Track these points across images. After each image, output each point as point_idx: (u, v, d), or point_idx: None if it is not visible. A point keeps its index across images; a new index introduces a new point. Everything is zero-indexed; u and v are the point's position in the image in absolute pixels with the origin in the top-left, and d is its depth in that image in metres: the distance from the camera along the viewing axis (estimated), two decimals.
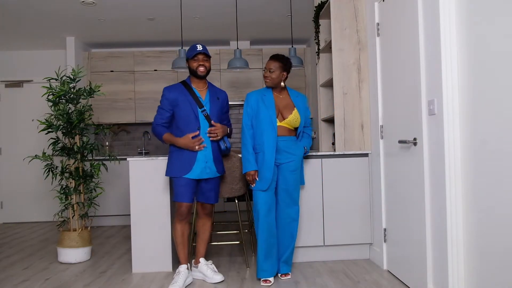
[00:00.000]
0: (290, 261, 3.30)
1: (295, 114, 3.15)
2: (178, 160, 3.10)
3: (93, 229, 5.58)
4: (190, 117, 3.10)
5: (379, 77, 3.41)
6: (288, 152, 3.15)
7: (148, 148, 6.70)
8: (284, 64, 3.15)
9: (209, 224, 3.35)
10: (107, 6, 4.84)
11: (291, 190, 3.16)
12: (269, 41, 6.65)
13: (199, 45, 3.13)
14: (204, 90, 3.21)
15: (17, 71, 6.54)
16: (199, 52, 3.11)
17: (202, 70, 3.13)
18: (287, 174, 3.15)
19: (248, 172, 3.11)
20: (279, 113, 3.16)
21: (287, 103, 3.19)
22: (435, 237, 2.61)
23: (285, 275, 3.24)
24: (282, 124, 3.15)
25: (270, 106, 3.13)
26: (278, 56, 3.18)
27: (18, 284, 3.28)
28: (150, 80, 6.36)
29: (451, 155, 2.44)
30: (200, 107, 3.12)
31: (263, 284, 3.09)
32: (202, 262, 3.25)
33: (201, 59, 3.12)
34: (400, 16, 3.00)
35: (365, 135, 3.73)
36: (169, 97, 3.12)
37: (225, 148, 3.20)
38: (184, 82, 3.21)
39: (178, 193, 3.09)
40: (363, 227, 3.65)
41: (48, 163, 3.94)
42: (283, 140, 3.15)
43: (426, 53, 2.66)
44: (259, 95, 3.18)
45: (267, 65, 3.17)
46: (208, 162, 3.13)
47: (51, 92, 3.85)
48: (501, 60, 2.05)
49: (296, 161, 3.17)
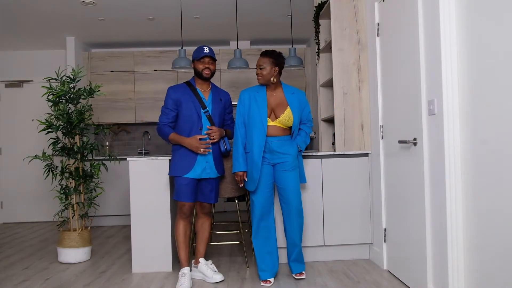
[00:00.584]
0: (301, 259, 3.23)
1: (287, 113, 3.08)
2: (180, 160, 3.12)
3: (93, 229, 5.58)
4: (193, 117, 3.13)
5: (379, 77, 3.41)
6: (280, 152, 3.09)
7: (148, 148, 6.70)
8: (274, 59, 3.07)
9: (208, 224, 3.35)
10: (107, 6, 4.84)
11: (289, 190, 3.10)
12: (269, 41, 6.65)
13: (206, 48, 3.15)
14: (207, 91, 3.23)
15: (17, 71, 6.54)
16: (206, 55, 3.13)
17: (207, 73, 3.16)
18: (282, 174, 3.10)
19: (237, 173, 3.10)
20: (272, 112, 3.10)
21: (280, 102, 3.12)
22: (435, 237, 2.61)
23: (299, 274, 3.19)
24: (275, 123, 3.09)
25: (262, 105, 3.07)
26: (267, 51, 3.11)
27: (18, 284, 3.28)
28: (150, 80, 6.36)
29: (451, 155, 2.44)
30: (203, 108, 3.15)
31: (262, 284, 3.07)
32: (202, 262, 3.25)
33: (207, 62, 3.15)
34: (400, 16, 3.00)
35: (365, 135, 3.73)
36: (173, 96, 3.15)
37: (224, 149, 3.22)
38: (188, 83, 3.23)
39: (180, 192, 3.10)
40: (363, 227, 3.65)
41: (48, 163, 3.94)
42: (276, 140, 3.09)
43: (426, 53, 2.66)
44: (252, 93, 3.13)
45: (257, 62, 3.11)
46: (209, 162, 3.15)
47: (51, 92, 3.85)
48: (501, 60, 2.05)
49: (289, 161, 3.09)
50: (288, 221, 3.17)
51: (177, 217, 3.21)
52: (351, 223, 3.64)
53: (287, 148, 3.10)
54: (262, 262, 3.11)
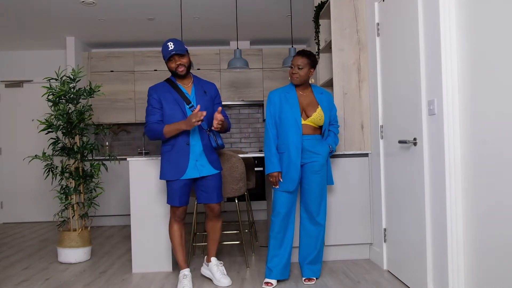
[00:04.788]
0: (317, 265, 3.14)
1: (319, 112, 3.05)
2: (170, 163, 2.99)
3: (93, 229, 5.58)
4: (177, 115, 2.97)
5: (379, 77, 3.41)
6: (312, 151, 3.04)
7: (148, 148, 6.70)
8: (312, 61, 3.03)
9: (219, 226, 3.23)
10: (107, 6, 4.84)
11: (315, 192, 3.05)
12: (269, 41, 6.65)
13: (170, 43, 2.92)
14: (189, 86, 3.07)
15: (17, 71, 6.54)
16: (173, 53, 2.92)
17: (181, 70, 2.98)
18: (310, 175, 3.04)
19: (271, 174, 3.00)
20: (303, 111, 3.05)
21: (310, 101, 3.08)
22: (435, 237, 2.61)
23: (308, 280, 3.10)
24: (306, 122, 3.05)
25: (294, 105, 3.02)
26: (306, 52, 3.03)
27: (18, 284, 3.28)
28: (150, 80, 6.36)
29: (451, 155, 2.44)
30: (188, 103, 2.99)
31: (264, 286, 3.02)
32: (213, 262, 3.19)
33: (177, 59, 2.96)
34: (400, 16, 3.00)
35: (365, 135, 3.73)
36: (155, 96, 3.00)
37: (216, 145, 3.03)
38: (168, 80, 3.09)
39: (172, 197, 3.01)
40: (363, 227, 3.65)
41: (48, 163, 3.94)
42: (307, 139, 3.04)
43: (426, 53, 2.66)
44: (282, 93, 3.08)
45: (294, 62, 3.01)
46: (199, 160, 3.01)
47: (51, 92, 3.85)
48: (501, 60, 2.05)
49: (320, 161, 3.04)
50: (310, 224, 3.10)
51: (171, 220, 3.11)
52: (351, 223, 3.64)
53: (319, 147, 3.06)
54: (270, 261, 3.06)
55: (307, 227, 3.13)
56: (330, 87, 4.34)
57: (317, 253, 3.12)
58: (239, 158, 3.54)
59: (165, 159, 3.02)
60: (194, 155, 3.00)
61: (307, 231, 3.13)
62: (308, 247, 3.13)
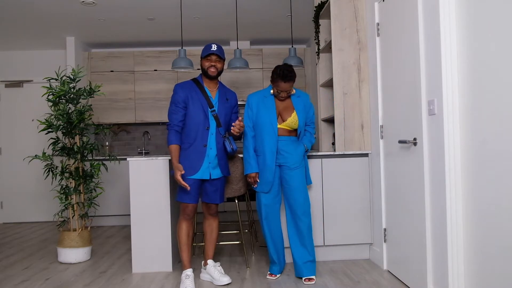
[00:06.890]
0: (313, 263, 3.16)
1: (293, 117, 3.14)
2: (185, 159, 3.04)
3: (93, 229, 5.58)
4: (200, 116, 3.05)
5: (379, 77, 3.41)
6: (286, 151, 3.15)
7: (148, 148, 6.70)
8: (295, 78, 3.11)
9: (216, 224, 3.31)
10: (107, 6, 4.84)
11: (294, 188, 3.12)
12: (269, 41, 6.65)
13: (214, 45, 3.07)
14: (214, 90, 3.16)
15: (17, 71, 6.54)
16: (212, 53, 3.05)
17: (213, 71, 3.08)
18: (288, 173, 3.15)
19: (249, 174, 3.15)
20: (279, 115, 3.16)
21: (287, 105, 3.18)
22: (435, 237, 2.61)
23: (308, 280, 3.11)
24: (281, 126, 3.15)
25: (270, 109, 3.14)
26: (291, 76, 3.06)
27: (18, 284, 3.28)
28: (150, 80, 6.36)
29: (451, 155, 2.44)
30: (211, 107, 3.08)
31: (268, 277, 3.23)
32: (210, 264, 3.21)
33: (213, 60, 3.07)
34: (400, 16, 3.00)
35: (365, 135, 3.73)
36: (182, 94, 3.06)
37: (231, 149, 3.13)
38: (195, 80, 3.15)
39: (183, 194, 3.05)
40: (363, 227, 3.65)
41: (48, 163, 3.94)
42: (282, 139, 3.15)
43: (426, 53, 2.66)
44: (260, 97, 3.18)
45: (283, 88, 3.06)
46: (212, 163, 3.09)
47: (51, 92, 3.85)
48: (501, 60, 2.05)
49: (294, 159, 3.14)
50: (293, 222, 3.18)
51: (180, 218, 3.15)
52: (351, 223, 3.64)
53: (292, 148, 3.16)
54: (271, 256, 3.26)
55: (294, 227, 3.20)
56: (330, 87, 4.34)
57: (308, 251, 3.17)
58: (240, 158, 3.54)
59: (182, 155, 3.07)
60: (209, 157, 3.08)
61: (294, 231, 3.20)
62: (298, 247, 3.19)
